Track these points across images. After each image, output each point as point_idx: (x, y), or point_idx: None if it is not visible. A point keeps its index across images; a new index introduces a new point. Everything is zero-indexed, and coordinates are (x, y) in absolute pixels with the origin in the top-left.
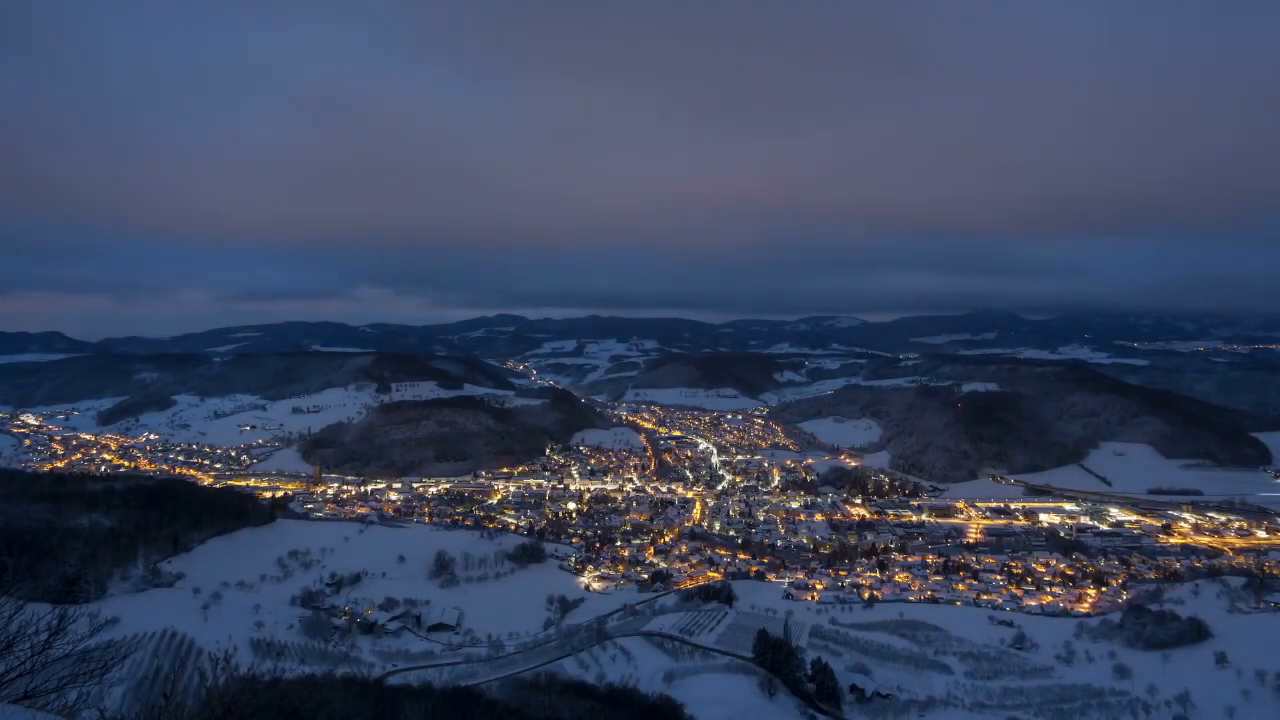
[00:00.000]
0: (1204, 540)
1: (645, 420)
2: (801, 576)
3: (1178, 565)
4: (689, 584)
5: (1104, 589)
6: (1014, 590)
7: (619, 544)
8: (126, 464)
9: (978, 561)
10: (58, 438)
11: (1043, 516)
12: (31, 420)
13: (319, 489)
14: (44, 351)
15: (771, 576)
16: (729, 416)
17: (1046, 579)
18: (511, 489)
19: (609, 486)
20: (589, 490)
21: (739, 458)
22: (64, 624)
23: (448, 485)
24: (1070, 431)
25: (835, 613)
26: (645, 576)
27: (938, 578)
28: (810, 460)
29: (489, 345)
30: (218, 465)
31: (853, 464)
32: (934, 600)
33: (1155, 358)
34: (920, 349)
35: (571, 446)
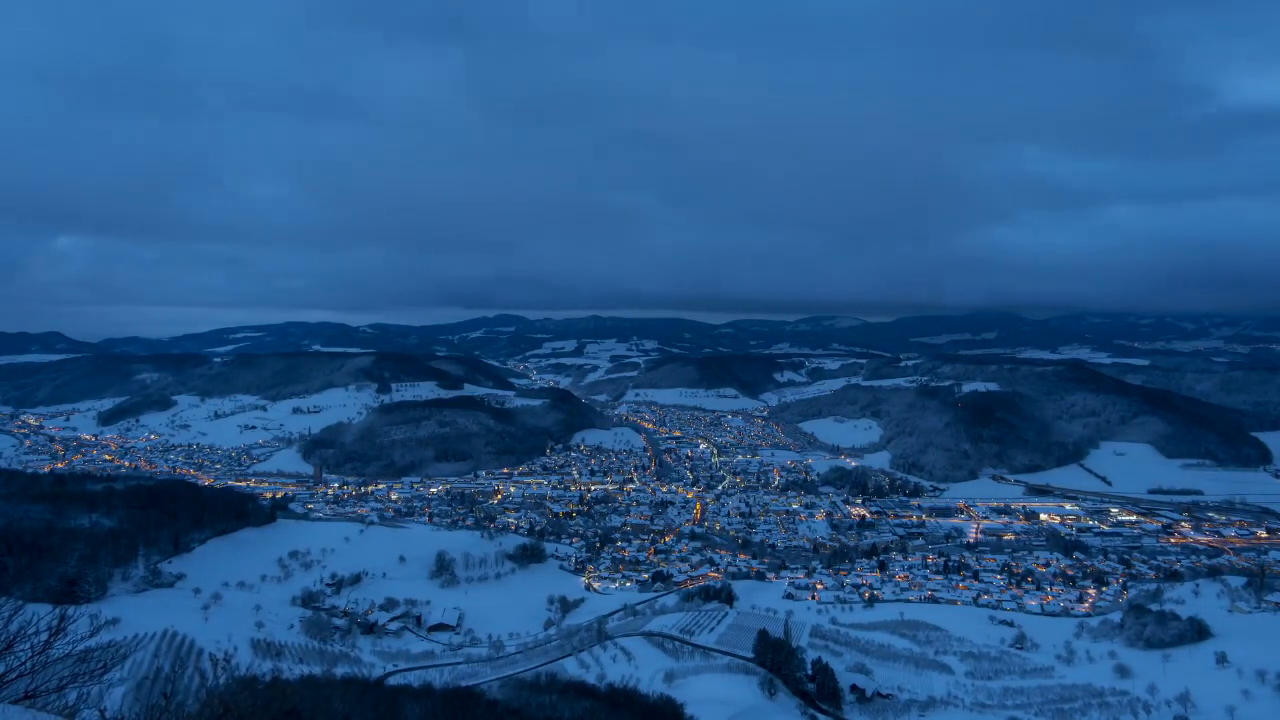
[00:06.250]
0: (1204, 540)
1: (645, 420)
2: (802, 576)
3: (1178, 565)
4: (689, 584)
5: (1104, 589)
6: (1014, 590)
7: (619, 544)
8: (127, 464)
9: (978, 561)
10: (58, 438)
11: (1043, 516)
12: (32, 420)
13: (319, 489)
14: (44, 352)
15: (772, 576)
16: (729, 416)
17: (1047, 579)
18: (512, 489)
19: (609, 487)
20: (589, 490)
21: (739, 458)
22: (64, 624)
23: (448, 485)
24: (1070, 431)
25: (836, 613)
26: (646, 577)
27: (938, 578)
28: (810, 460)
29: (489, 345)
30: (218, 466)
31: (853, 464)
32: (934, 600)
33: (1155, 358)
34: (920, 349)
35: (572, 446)
